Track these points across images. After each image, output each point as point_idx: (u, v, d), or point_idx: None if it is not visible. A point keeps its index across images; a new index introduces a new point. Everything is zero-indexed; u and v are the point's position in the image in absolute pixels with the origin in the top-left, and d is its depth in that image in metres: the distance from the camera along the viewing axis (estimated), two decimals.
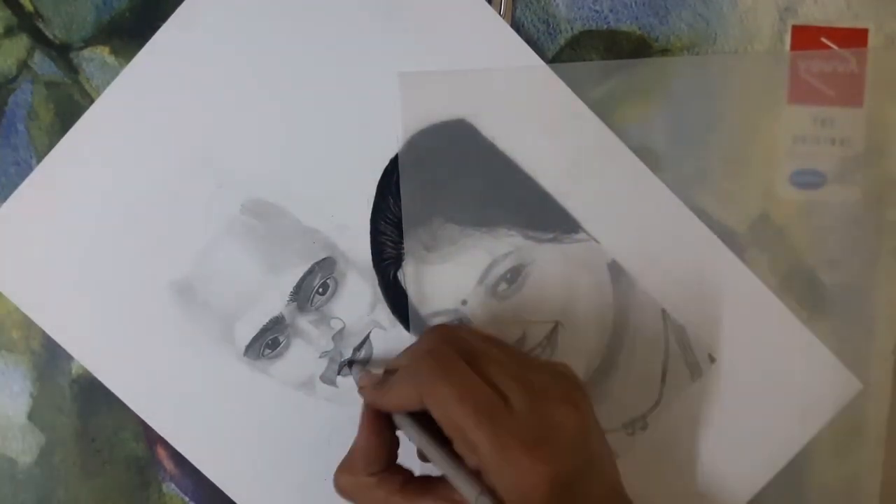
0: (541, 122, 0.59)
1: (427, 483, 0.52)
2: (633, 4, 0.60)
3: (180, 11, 0.59)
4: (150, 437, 0.60)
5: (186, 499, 0.61)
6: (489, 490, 0.47)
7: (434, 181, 0.59)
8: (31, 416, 0.61)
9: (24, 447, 0.61)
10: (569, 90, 0.59)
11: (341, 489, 0.53)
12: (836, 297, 0.61)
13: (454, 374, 0.49)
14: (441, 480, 0.51)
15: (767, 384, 0.60)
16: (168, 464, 0.61)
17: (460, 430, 0.47)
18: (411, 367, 0.51)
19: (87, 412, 0.60)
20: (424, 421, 0.50)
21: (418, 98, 0.59)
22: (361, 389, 0.55)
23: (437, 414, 0.48)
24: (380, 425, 0.53)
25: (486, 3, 0.59)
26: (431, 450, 0.50)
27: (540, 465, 0.46)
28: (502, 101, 0.59)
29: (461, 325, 0.57)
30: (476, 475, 0.48)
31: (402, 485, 0.52)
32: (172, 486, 0.61)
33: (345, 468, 0.53)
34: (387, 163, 0.59)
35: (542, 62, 0.59)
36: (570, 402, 0.49)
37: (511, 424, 0.47)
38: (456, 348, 0.50)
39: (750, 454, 0.61)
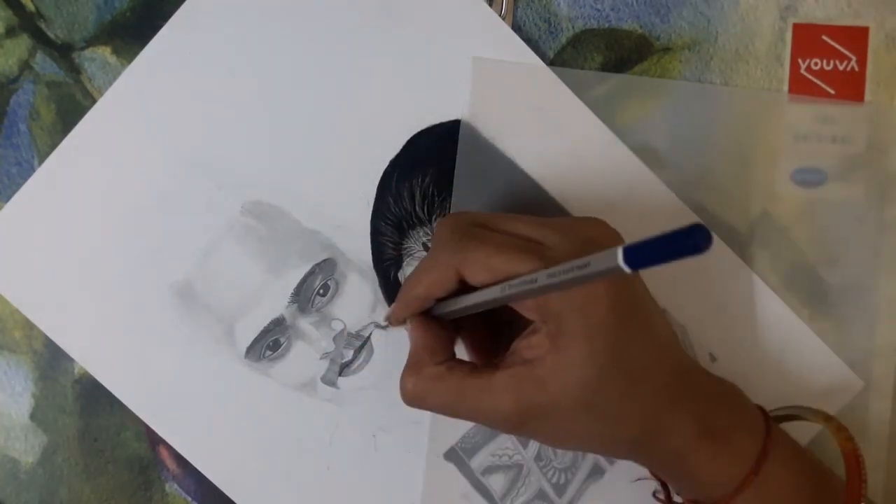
0: (540, 122, 0.59)
1: (496, 364, 0.50)
2: (635, 3, 0.60)
3: (181, 12, 0.59)
4: (153, 437, 0.60)
5: (189, 499, 0.61)
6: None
7: (434, 182, 0.60)
8: (34, 417, 0.61)
9: (26, 447, 0.61)
10: (569, 91, 0.59)
11: (411, 391, 0.51)
12: (837, 295, 0.61)
13: (483, 238, 0.49)
14: (508, 358, 0.50)
15: (768, 383, 0.60)
16: (170, 463, 0.61)
17: (511, 276, 0.46)
18: (436, 251, 0.51)
19: (89, 412, 0.61)
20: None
21: (487, 84, 0.60)
22: (388, 319, 0.55)
23: (479, 277, 0.48)
24: (427, 321, 0.52)
25: (486, 5, 0.59)
26: (483, 296, 0.48)
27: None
28: (502, 102, 0.59)
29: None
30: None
31: (473, 368, 0.50)
32: (175, 485, 0.61)
33: (411, 369, 0.51)
34: (386, 164, 0.59)
35: (541, 63, 0.59)
36: (596, 222, 0.51)
37: (553, 253, 0.47)
38: (474, 223, 0.51)
39: None
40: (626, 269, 0.35)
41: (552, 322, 0.47)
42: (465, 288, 0.49)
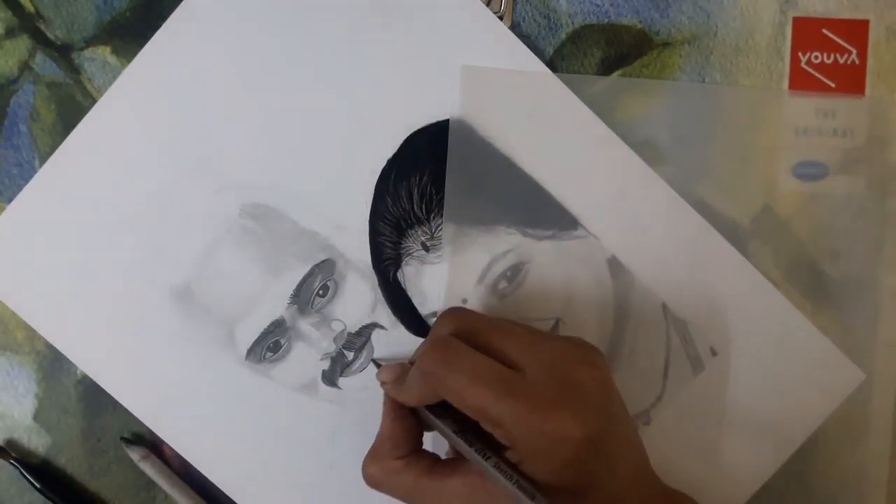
0: (538, 120, 0.59)
1: (455, 464, 0.52)
2: None
3: (178, 12, 0.59)
4: (155, 437, 0.61)
5: None
6: (523, 476, 0.47)
7: (432, 181, 0.60)
8: (37, 417, 0.61)
9: (29, 448, 0.61)
10: (566, 88, 0.59)
11: (370, 477, 0.53)
12: (840, 289, 0.61)
13: (462, 361, 0.49)
14: (467, 463, 0.51)
15: (769, 376, 0.60)
16: (174, 464, 0.61)
17: (482, 411, 0.47)
18: (421, 362, 0.51)
19: (92, 412, 0.61)
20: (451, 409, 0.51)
21: (478, 90, 0.59)
22: (383, 385, 0.55)
23: (456, 403, 0.49)
24: (402, 412, 0.53)
25: (483, 4, 0.59)
26: (458, 440, 0.50)
27: (565, 424, 0.46)
28: (499, 101, 0.59)
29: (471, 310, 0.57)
30: (505, 458, 0.48)
31: (430, 467, 0.52)
32: None
33: (372, 456, 0.53)
34: (384, 164, 0.59)
35: (536, 64, 0.59)
36: (588, 362, 0.50)
37: (530, 391, 0.47)
38: (462, 332, 0.51)
39: (753, 447, 0.61)
40: None
41: (520, 450, 0.48)
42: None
